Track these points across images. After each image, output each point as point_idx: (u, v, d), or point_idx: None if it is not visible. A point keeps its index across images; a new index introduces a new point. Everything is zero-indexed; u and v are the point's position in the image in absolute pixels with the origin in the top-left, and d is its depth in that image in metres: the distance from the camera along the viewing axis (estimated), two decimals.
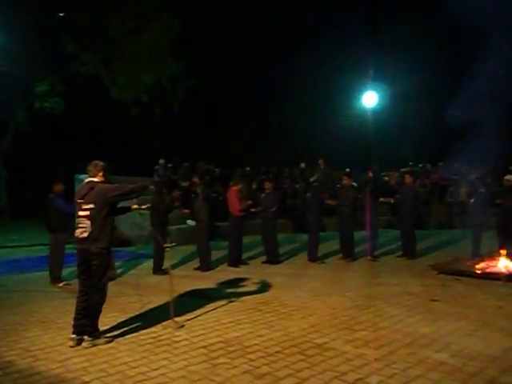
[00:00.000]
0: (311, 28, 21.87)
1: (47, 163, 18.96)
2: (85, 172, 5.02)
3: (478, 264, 8.23)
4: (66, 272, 7.80)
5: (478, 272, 7.82)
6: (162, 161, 16.76)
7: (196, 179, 9.17)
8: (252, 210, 9.90)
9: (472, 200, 9.57)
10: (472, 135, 10.32)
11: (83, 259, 4.74)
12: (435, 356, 4.27)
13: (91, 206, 4.68)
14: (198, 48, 18.68)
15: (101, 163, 4.93)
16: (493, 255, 8.71)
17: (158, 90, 17.73)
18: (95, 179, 4.85)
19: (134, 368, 4.07)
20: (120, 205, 5.27)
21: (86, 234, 4.66)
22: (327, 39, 20.81)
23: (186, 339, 4.80)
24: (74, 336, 4.67)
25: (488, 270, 7.88)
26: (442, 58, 19.63)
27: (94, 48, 16.18)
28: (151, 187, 5.12)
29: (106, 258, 4.77)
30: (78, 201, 4.78)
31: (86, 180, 4.91)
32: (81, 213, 4.73)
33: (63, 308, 6.03)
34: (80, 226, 4.71)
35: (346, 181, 10.19)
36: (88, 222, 4.66)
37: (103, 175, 4.91)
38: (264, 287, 7.16)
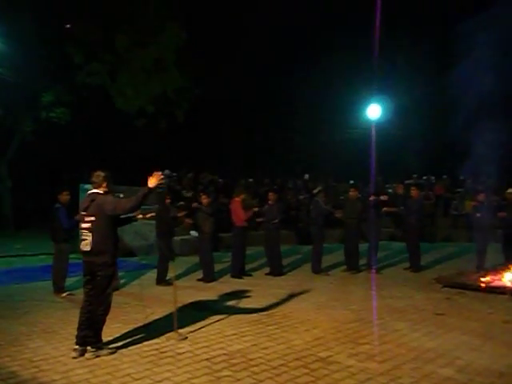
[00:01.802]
0: (317, 42, 22.02)
1: (52, 173, 19.06)
2: (90, 182, 5.02)
3: (483, 277, 8.18)
4: (69, 282, 7.80)
5: (484, 286, 7.77)
6: (167, 171, 16.81)
7: (205, 197, 9.20)
8: (257, 219, 9.89)
9: (478, 214, 9.53)
10: (475, 147, 10.31)
11: (88, 270, 4.75)
12: (441, 371, 4.23)
13: (92, 218, 4.68)
14: (203, 59, 18.83)
15: (102, 174, 4.88)
16: (498, 269, 8.67)
17: (163, 101, 17.85)
18: (98, 190, 4.84)
19: (137, 380, 4.05)
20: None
21: (88, 248, 4.67)
22: (333, 53, 20.97)
23: (189, 351, 4.77)
24: (77, 347, 4.66)
25: (493, 284, 7.83)
26: (442, 71, 19.77)
27: (101, 59, 16.33)
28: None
29: (111, 269, 4.76)
30: (81, 213, 4.81)
31: (89, 192, 4.91)
32: (83, 225, 4.74)
33: (67, 318, 6.02)
34: (83, 238, 4.73)
35: (352, 193, 10.15)
36: (90, 235, 4.67)
37: (107, 186, 4.91)
38: (267, 299, 7.12)
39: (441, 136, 20.61)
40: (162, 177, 4.73)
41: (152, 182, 4.63)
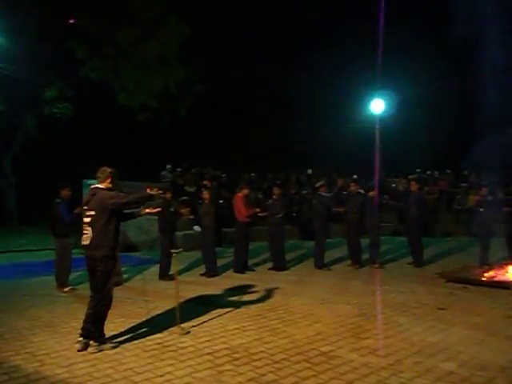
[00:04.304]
0: (321, 36, 21.93)
1: (56, 168, 19.09)
2: (93, 177, 5.04)
3: (486, 272, 8.17)
4: (72, 276, 7.83)
5: (487, 280, 7.75)
6: (169, 166, 16.83)
7: (206, 193, 9.21)
8: (259, 214, 9.88)
9: (481, 209, 9.49)
10: (480, 142, 10.27)
11: (89, 265, 4.77)
12: (443, 365, 4.22)
13: (92, 212, 4.71)
14: (205, 53, 18.78)
15: (108, 170, 4.91)
16: (501, 263, 8.64)
17: (166, 96, 17.82)
18: (100, 185, 4.85)
19: (140, 374, 4.06)
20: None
21: (88, 242, 4.69)
22: (337, 46, 20.88)
23: (191, 345, 4.78)
24: (81, 339, 4.68)
25: (496, 279, 7.81)
26: (447, 65, 19.65)
27: (103, 54, 16.31)
28: (159, 192, 5.10)
29: (110, 264, 4.76)
30: (84, 207, 4.84)
31: (91, 186, 4.94)
32: (85, 219, 4.77)
33: (69, 313, 6.05)
34: (84, 232, 4.76)
35: (352, 187, 10.19)
36: (90, 229, 4.70)
37: (111, 182, 4.92)
38: (270, 294, 7.14)
39: (445, 131, 20.55)
40: (161, 192, 5.29)
41: (154, 190, 4.96)
